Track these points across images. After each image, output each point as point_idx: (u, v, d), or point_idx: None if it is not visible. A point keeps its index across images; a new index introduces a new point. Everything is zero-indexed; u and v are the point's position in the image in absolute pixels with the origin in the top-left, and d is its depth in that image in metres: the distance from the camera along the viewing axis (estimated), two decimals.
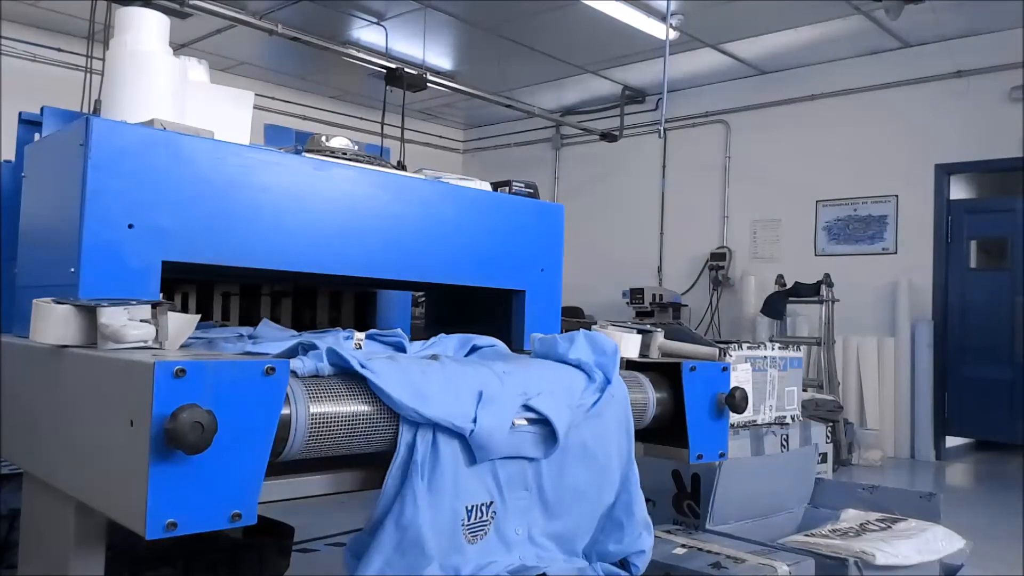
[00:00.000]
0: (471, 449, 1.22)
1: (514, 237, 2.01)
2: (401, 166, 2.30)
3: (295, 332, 1.67)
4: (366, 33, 6.98)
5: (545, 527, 1.35)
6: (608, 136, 8.22)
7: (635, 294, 7.69)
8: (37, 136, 1.95)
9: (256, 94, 2.10)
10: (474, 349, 1.64)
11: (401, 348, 1.58)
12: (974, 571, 2.72)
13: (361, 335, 1.60)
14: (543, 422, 1.31)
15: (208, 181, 1.51)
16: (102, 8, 4.57)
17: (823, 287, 6.31)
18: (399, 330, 1.63)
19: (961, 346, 6.63)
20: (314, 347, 1.26)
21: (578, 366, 1.46)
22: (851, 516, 2.64)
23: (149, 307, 1.20)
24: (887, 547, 2.26)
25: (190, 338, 1.48)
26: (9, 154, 2.26)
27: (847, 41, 6.72)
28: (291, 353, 1.30)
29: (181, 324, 1.23)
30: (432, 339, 1.65)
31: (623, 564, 1.46)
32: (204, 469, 0.98)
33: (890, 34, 6.51)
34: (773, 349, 3.36)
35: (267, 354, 1.42)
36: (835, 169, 7.15)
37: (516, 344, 2.04)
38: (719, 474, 2.46)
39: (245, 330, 1.66)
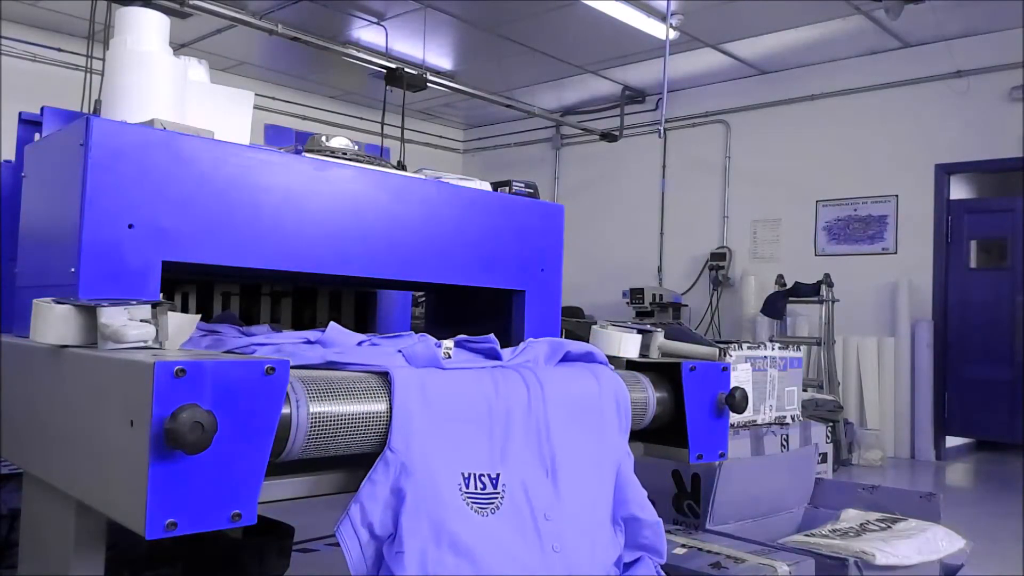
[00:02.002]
0: None
1: (514, 237, 2.01)
2: (401, 166, 2.30)
3: (364, 336, 1.56)
4: (366, 33, 6.98)
5: None
6: (608, 136, 8.22)
7: (635, 294, 7.69)
8: (37, 136, 1.95)
9: (256, 94, 2.10)
10: (567, 358, 1.59)
11: (494, 355, 1.54)
12: (974, 571, 2.72)
13: (450, 343, 1.55)
14: None
15: (208, 181, 1.51)
16: (102, 8, 4.57)
17: (823, 287, 6.31)
18: (492, 336, 1.59)
19: (961, 346, 6.62)
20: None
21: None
22: (851, 516, 2.63)
23: (149, 307, 1.20)
24: (887, 547, 2.26)
25: (255, 344, 1.42)
26: (9, 154, 2.26)
27: (847, 41, 6.72)
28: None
29: (181, 324, 1.23)
30: (522, 345, 1.60)
31: None
32: (204, 469, 0.98)
33: (890, 34, 6.51)
34: (773, 349, 3.36)
35: (352, 364, 1.38)
36: (835, 169, 7.15)
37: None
38: (719, 474, 2.46)
39: (312, 334, 1.52)
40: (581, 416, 1.47)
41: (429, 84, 6.60)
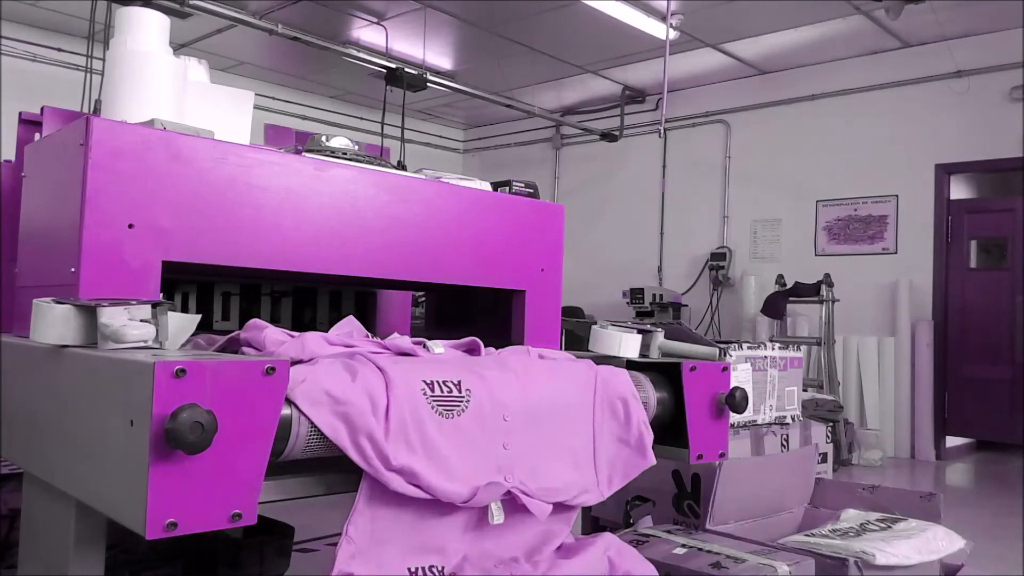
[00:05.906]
0: None
1: (514, 237, 2.01)
2: (401, 166, 2.30)
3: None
4: (366, 33, 6.97)
5: None
6: (608, 136, 8.22)
7: (635, 294, 7.69)
8: (37, 136, 1.95)
9: (256, 94, 2.10)
10: None
11: None
12: (974, 571, 2.72)
13: None
14: None
15: (208, 181, 1.51)
16: (102, 8, 4.57)
17: (823, 287, 6.30)
18: None
19: (961, 346, 6.62)
20: None
21: None
22: (851, 516, 2.63)
23: (149, 307, 1.19)
24: (887, 547, 2.26)
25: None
26: (9, 154, 2.26)
27: (847, 41, 6.72)
28: None
29: (181, 324, 1.23)
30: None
31: None
32: (204, 469, 0.98)
33: (890, 34, 6.51)
34: (773, 349, 3.36)
35: None
36: (835, 169, 7.15)
37: (516, 344, 2.04)
38: (719, 474, 2.46)
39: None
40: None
41: (429, 84, 6.60)
